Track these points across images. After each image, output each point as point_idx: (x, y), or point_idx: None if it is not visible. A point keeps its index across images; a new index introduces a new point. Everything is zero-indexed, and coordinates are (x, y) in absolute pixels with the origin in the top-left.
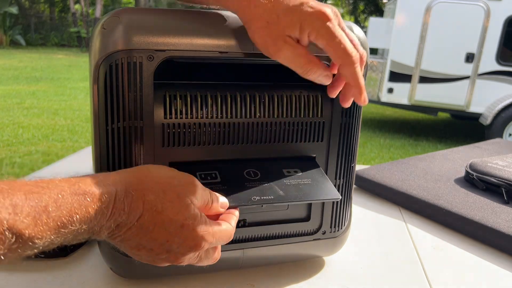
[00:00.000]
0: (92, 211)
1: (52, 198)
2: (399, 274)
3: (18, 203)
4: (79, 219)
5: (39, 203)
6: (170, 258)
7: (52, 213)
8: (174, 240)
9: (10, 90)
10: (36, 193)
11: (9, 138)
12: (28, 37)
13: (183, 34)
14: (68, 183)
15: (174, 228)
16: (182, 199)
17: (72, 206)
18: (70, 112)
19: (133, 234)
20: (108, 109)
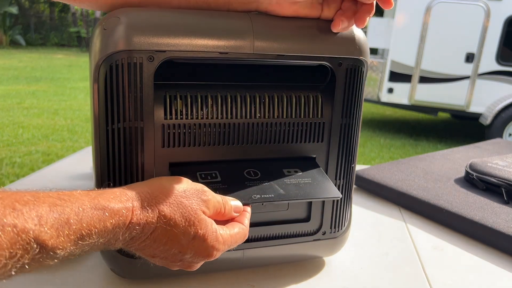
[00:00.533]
0: (110, 225)
1: (74, 211)
2: (399, 274)
3: (43, 215)
4: (97, 233)
5: (62, 215)
6: (183, 265)
7: (73, 226)
8: (187, 251)
9: (10, 90)
10: (59, 206)
11: (9, 138)
12: (28, 37)
13: (183, 35)
14: (88, 197)
15: (187, 241)
16: (195, 211)
17: (91, 219)
18: (70, 112)
19: (146, 245)
20: (108, 109)
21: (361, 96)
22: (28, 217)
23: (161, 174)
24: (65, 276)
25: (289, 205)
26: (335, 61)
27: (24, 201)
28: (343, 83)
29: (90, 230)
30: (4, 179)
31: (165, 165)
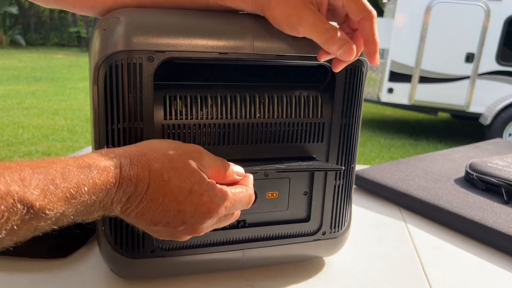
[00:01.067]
0: (99, 182)
1: (59, 171)
2: (399, 274)
3: (26, 177)
4: (87, 191)
5: (46, 176)
6: (188, 229)
7: (60, 185)
8: (186, 209)
9: (10, 90)
10: (43, 167)
11: (9, 138)
12: (28, 37)
13: (183, 35)
14: (73, 158)
15: (183, 196)
16: (188, 165)
17: (78, 177)
18: (70, 112)
19: (145, 208)
20: (108, 110)
21: (361, 96)
22: (11, 181)
23: None
24: (65, 276)
25: (289, 205)
26: None
27: (6, 166)
28: (343, 83)
29: (79, 188)
30: None
31: None
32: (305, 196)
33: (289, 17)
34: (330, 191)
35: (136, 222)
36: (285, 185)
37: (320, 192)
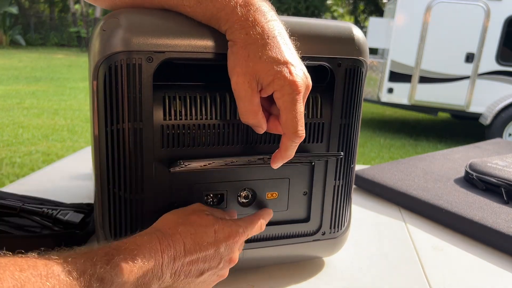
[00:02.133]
0: (147, 250)
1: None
2: (399, 274)
3: (94, 256)
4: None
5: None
6: (226, 262)
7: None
8: (219, 244)
9: (10, 90)
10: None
11: (9, 138)
12: (28, 37)
13: (182, 36)
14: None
15: (212, 236)
16: (202, 214)
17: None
18: (70, 112)
19: (189, 263)
20: (108, 110)
21: (361, 96)
22: (84, 261)
23: (161, 174)
24: None
25: (289, 205)
26: (334, 62)
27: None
28: (342, 83)
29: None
30: (4, 179)
31: (165, 166)
32: (305, 196)
33: (233, 70)
34: (330, 191)
35: (188, 283)
36: (284, 185)
37: (320, 192)
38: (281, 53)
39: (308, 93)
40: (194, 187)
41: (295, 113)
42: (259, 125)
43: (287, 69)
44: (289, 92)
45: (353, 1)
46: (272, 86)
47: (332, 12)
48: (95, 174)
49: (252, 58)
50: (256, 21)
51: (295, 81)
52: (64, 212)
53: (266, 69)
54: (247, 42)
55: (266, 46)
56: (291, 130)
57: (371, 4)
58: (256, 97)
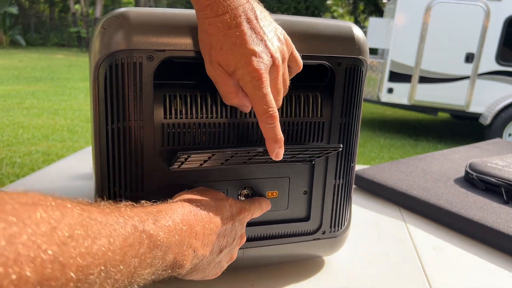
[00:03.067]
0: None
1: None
2: (399, 274)
3: (139, 213)
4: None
5: (148, 213)
6: (239, 238)
7: (160, 221)
8: (234, 219)
9: (10, 90)
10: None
11: (9, 138)
12: (28, 37)
13: (183, 34)
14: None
15: (228, 210)
16: (214, 190)
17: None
18: (70, 112)
19: (214, 237)
20: (108, 109)
21: (361, 95)
22: (129, 217)
23: (161, 174)
24: None
25: (289, 204)
26: (335, 61)
27: (116, 207)
28: (342, 82)
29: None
30: (4, 179)
31: (165, 165)
32: (305, 195)
33: (205, 60)
34: (330, 190)
35: (208, 263)
36: (285, 184)
37: (320, 191)
38: (243, 43)
39: (286, 64)
40: (194, 186)
41: (260, 96)
42: (241, 104)
43: (246, 59)
44: (249, 80)
45: (353, 1)
46: (235, 75)
47: (332, 12)
48: (95, 172)
49: (215, 48)
50: (220, 10)
51: (255, 69)
52: None
53: (227, 59)
54: (209, 32)
55: (227, 36)
56: (260, 113)
57: (371, 4)
58: (230, 79)
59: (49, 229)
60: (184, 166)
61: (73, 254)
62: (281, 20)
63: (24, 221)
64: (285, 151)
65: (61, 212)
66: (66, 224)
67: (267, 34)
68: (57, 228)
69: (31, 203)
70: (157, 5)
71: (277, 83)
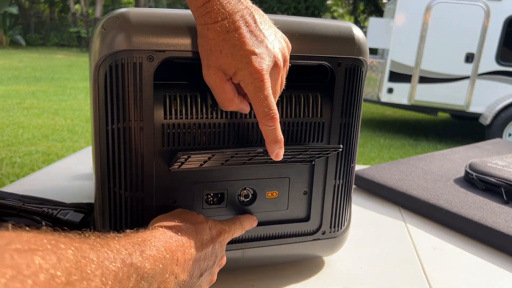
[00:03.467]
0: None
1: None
2: (398, 274)
3: (126, 246)
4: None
5: (134, 245)
6: (218, 260)
7: (146, 251)
8: (214, 241)
9: (10, 90)
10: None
11: (9, 138)
12: (28, 37)
13: (183, 35)
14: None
15: (208, 233)
16: (193, 213)
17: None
18: (70, 112)
19: (194, 262)
20: (108, 109)
21: (361, 95)
22: (117, 250)
23: (161, 174)
24: None
25: (289, 205)
26: (335, 61)
27: (103, 241)
28: (342, 82)
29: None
30: (4, 179)
31: (165, 165)
32: (305, 196)
33: (202, 65)
34: (330, 190)
35: (189, 286)
36: (285, 185)
37: (320, 191)
38: (243, 44)
39: (287, 66)
40: (194, 186)
41: (262, 98)
42: (239, 109)
43: (247, 59)
44: (251, 81)
45: (353, 1)
46: (236, 77)
47: (332, 12)
48: (95, 172)
49: (214, 52)
50: (219, 15)
51: (256, 70)
52: (64, 212)
53: (227, 62)
54: (208, 37)
55: (226, 40)
56: (261, 115)
57: (371, 4)
58: (227, 85)
59: (47, 278)
60: (184, 166)
61: None
62: (281, 20)
63: (23, 272)
64: (285, 152)
65: (57, 256)
66: (63, 270)
67: (267, 36)
68: (55, 275)
69: (27, 249)
70: (157, 5)
71: (277, 84)
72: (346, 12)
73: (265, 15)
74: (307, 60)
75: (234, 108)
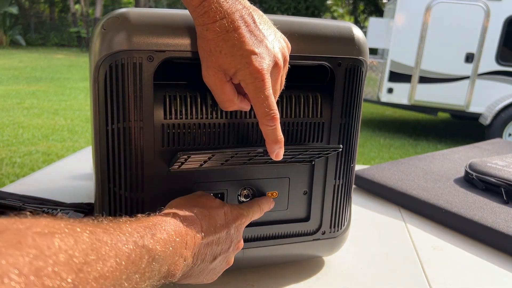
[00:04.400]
0: (175, 233)
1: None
2: (398, 274)
3: (137, 229)
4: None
5: (145, 227)
6: (235, 245)
7: (156, 234)
8: (229, 226)
9: (10, 90)
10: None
11: (9, 138)
12: (28, 37)
13: (183, 35)
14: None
15: (223, 218)
16: (210, 197)
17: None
18: (70, 112)
19: (205, 246)
20: (108, 109)
21: (361, 96)
22: (130, 233)
23: (161, 174)
24: None
25: (289, 205)
26: (335, 61)
27: (116, 224)
28: (342, 83)
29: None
30: (4, 179)
31: (165, 165)
32: (305, 196)
33: (202, 67)
34: (330, 190)
35: (201, 270)
36: (285, 185)
37: (320, 191)
38: (243, 44)
39: (287, 66)
40: (194, 186)
41: (262, 98)
42: (239, 108)
43: (247, 59)
44: (251, 81)
45: (353, 1)
46: (236, 77)
47: (332, 12)
48: (95, 173)
49: (214, 53)
50: (217, 15)
51: (256, 69)
52: (64, 212)
53: (227, 62)
54: (208, 38)
55: (226, 40)
56: (261, 115)
57: (371, 4)
58: (227, 86)
59: (66, 257)
60: (184, 166)
61: (89, 279)
62: (281, 20)
63: (44, 252)
64: (285, 152)
65: (74, 239)
66: (80, 251)
67: (266, 36)
68: (73, 256)
69: (47, 232)
70: (157, 5)
71: (277, 84)
72: (346, 12)
73: (264, 15)
74: (307, 60)
75: (235, 108)
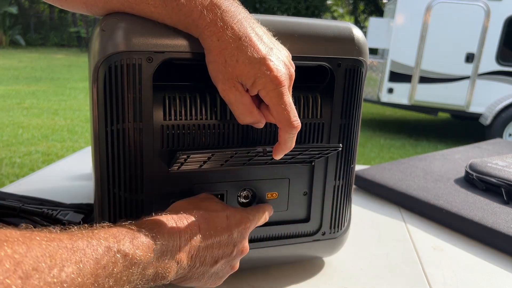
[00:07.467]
0: (167, 232)
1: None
2: (399, 274)
3: (116, 233)
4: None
5: (127, 231)
6: (238, 250)
7: (141, 237)
8: (232, 230)
9: (10, 90)
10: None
11: (9, 138)
12: (28, 37)
13: (182, 36)
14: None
15: (224, 221)
16: (212, 201)
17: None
18: (70, 112)
19: (204, 249)
20: (108, 110)
21: (361, 96)
22: (105, 239)
23: (161, 175)
24: None
25: (289, 205)
26: (334, 62)
27: (94, 232)
28: (342, 83)
29: (154, 238)
30: (4, 179)
31: (165, 166)
32: (305, 197)
33: (217, 82)
34: (330, 191)
35: (202, 273)
36: (284, 186)
37: (320, 192)
38: (257, 51)
39: (293, 80)
40: (194, 188)
41: (285, 106)
42: (257, 121)
43: (266, 66)
44: (272, 88)
45: (353, 1)
46: (255, 86)
47: (332, 12)
48: (95, 174)
49: (230, 63)
50: (226, 24)
51: (276, 76)
52: (64, 213)
53: (245, 71)
54: (221, 48)
55: (240, 48)
56: (285, 123)
57: (371, 4)
58: (246, 97)
59: (13, 264)
60: (184, 167)
61: (38, 285)
62: (281, 21)
63: None
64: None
65: (27, 246)
66: (31, 257)
67: (274, 44)
68: (22, 262)
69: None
70: None
71: (290, 92)
72: (346, 12)
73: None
74: (306, 61)
75: (253, 120)
